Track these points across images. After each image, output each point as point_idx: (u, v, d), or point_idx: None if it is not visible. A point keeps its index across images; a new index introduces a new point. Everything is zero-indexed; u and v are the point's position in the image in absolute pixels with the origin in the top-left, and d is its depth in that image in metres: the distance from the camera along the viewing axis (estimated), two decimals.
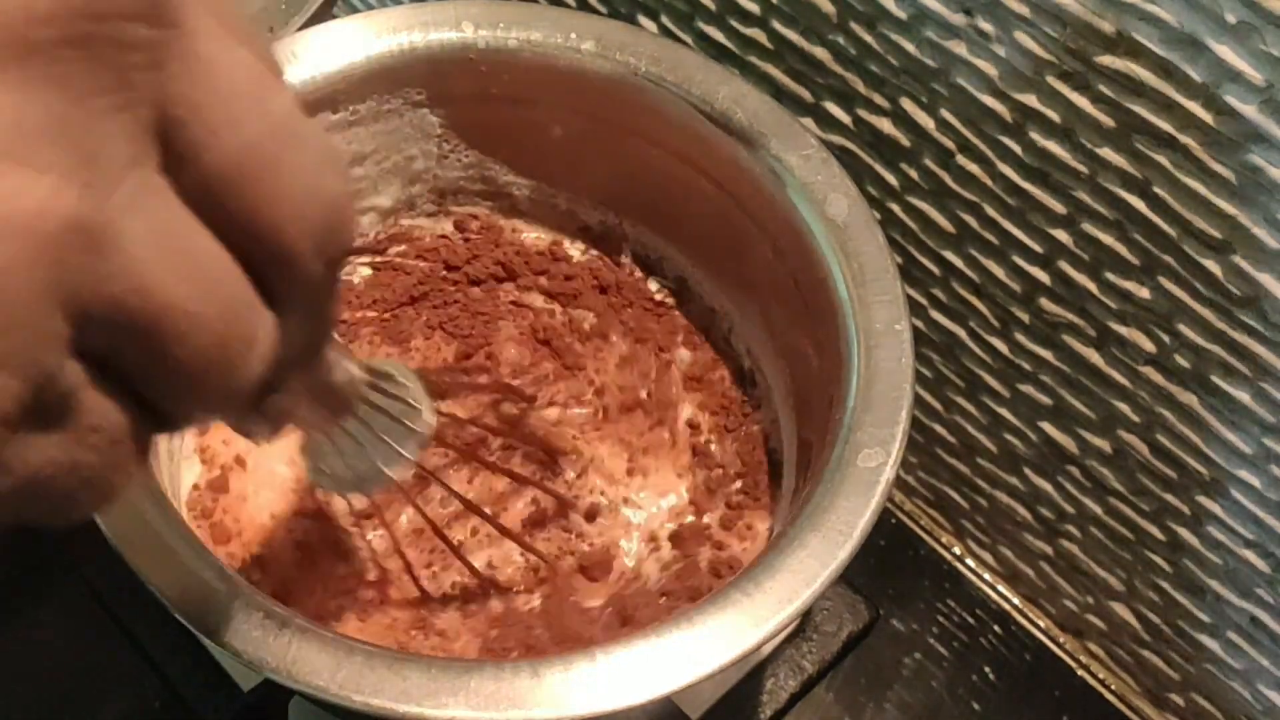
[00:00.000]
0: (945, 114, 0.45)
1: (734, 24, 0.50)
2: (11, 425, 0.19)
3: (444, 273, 0.50)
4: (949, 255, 0.49)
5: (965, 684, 0.53)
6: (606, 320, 0.49)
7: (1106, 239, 0.43)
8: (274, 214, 0.21)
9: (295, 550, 0.43)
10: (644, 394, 0.47)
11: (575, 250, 0.51)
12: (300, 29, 0.47)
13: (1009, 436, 0.52)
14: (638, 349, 0.48)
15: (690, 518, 0.45)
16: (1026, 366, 0.49)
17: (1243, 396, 0.43)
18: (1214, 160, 0.39)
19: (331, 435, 0.34)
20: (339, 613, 0.42)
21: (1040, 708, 0.53)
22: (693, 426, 0.47)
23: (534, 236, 0.51)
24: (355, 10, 0.51)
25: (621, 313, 0.49)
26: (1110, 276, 0.44)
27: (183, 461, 0.44)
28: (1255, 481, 0.45)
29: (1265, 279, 0.40)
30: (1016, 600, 0.56)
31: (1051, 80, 0.41)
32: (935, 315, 0.52)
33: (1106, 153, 0.42)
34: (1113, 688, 0.55)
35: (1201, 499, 0.47)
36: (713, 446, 0.46)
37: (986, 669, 0.54)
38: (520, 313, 0.49)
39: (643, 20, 0.54)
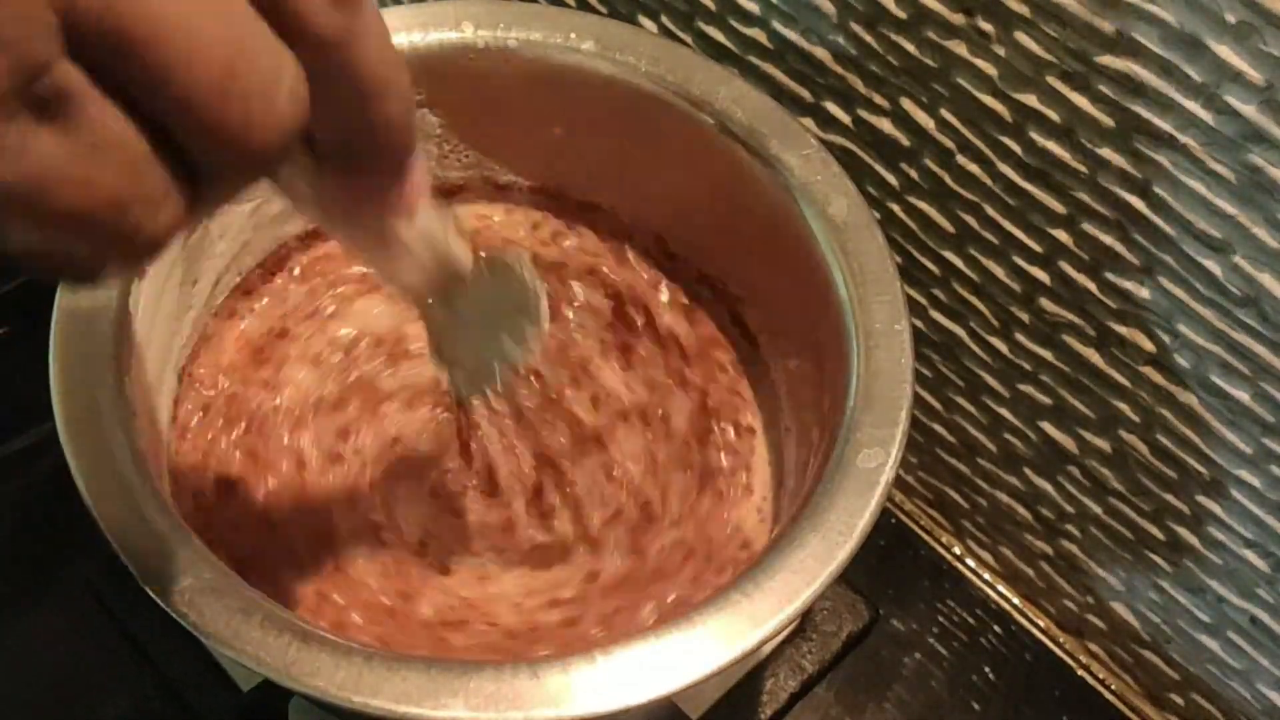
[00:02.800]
0: (945, 114, 0.45)
1: (734, 24, 0.50)
2: (4, 101, 0.19)
3: None
4: (949, 255, 0.49)
5: (965, 684, 0.53)
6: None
7: (1106, 239, 0.43)
8: None
9: None
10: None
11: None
12: None
13: (1009, 436, 0.52)
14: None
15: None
16: (1026, 366, 0.49)
17: (1243, 396, 0.43)
18: (1214, 160, 0.39)
19: (436, 304, 0.33)
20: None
21: (1040, 708, 0.53)
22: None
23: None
24: None
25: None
26: (1110, 276, 0.44)
27: None
28: (1255, 481, 0.45)
29: (1265, 279, 0.40)
30: (1016, 600, 0.56)
31: (1051, 80, 0.41)
32: (935, 315, 0.52)
33: (1106, 153, 0.42)
34: (1113, 688, 0.55)
35: (1201, 499, 0.47)
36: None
37: (986, 669, 0.54)
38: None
39: (643, 20, 0.54)
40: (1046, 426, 0.50)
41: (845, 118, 0.49)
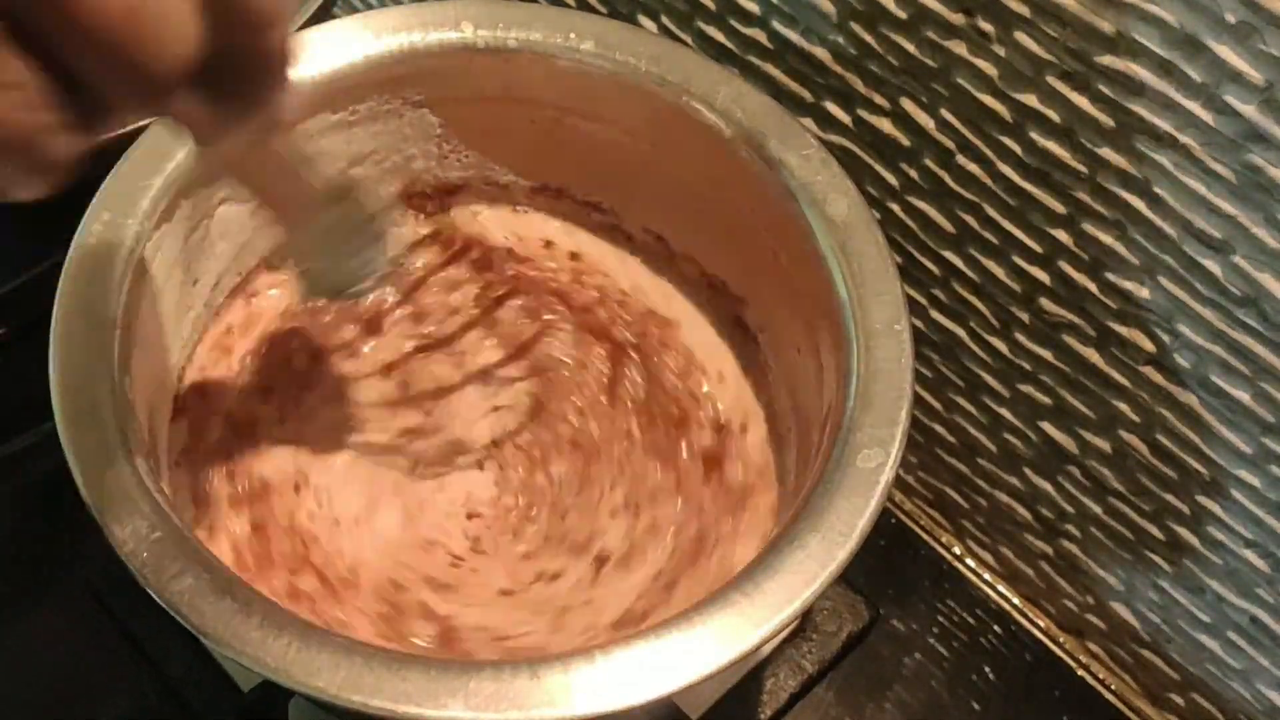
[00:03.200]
0: (945, 114, 0.45)
1: (734, 24, 0.50)
2: None
3: None
4: (949, 255, 0.49)
5: (965, 684, 0.53)
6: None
7: (1106, 239, 0.43)
8: None
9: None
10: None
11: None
12: (300, 29, 0.47)
13: (1009, 436, 0.52)
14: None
15: None
16: (1026, 366, 0.49)
17: (1243, 396, 0.43)
18: (1214, 160, 0.39)
19: (300, 217, 0.38)
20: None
21: (1040, 708, 0.53)
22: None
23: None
24: (355, 10, 0.51)
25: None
26: (1110, 276, 0.44)
27: None
28: (1255, 481, 0.45)
29: (1265, 279, 0.40)
30: (1016, 600, 0.56)
31: (1051, 80, 0.41)
32: (935, 315, 0.52)
33: (1106, 153, 0.42)
34: (1113, 688, 0.55)
35: (1201, 499, 0.47)
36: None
37: (986, 669, 0.54)
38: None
39: (643, 20, 0.54)
40: (1046, 426, 0.50)
41: (845, 118, 0.49)
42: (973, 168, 0.46)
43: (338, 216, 0.39)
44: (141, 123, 0.41)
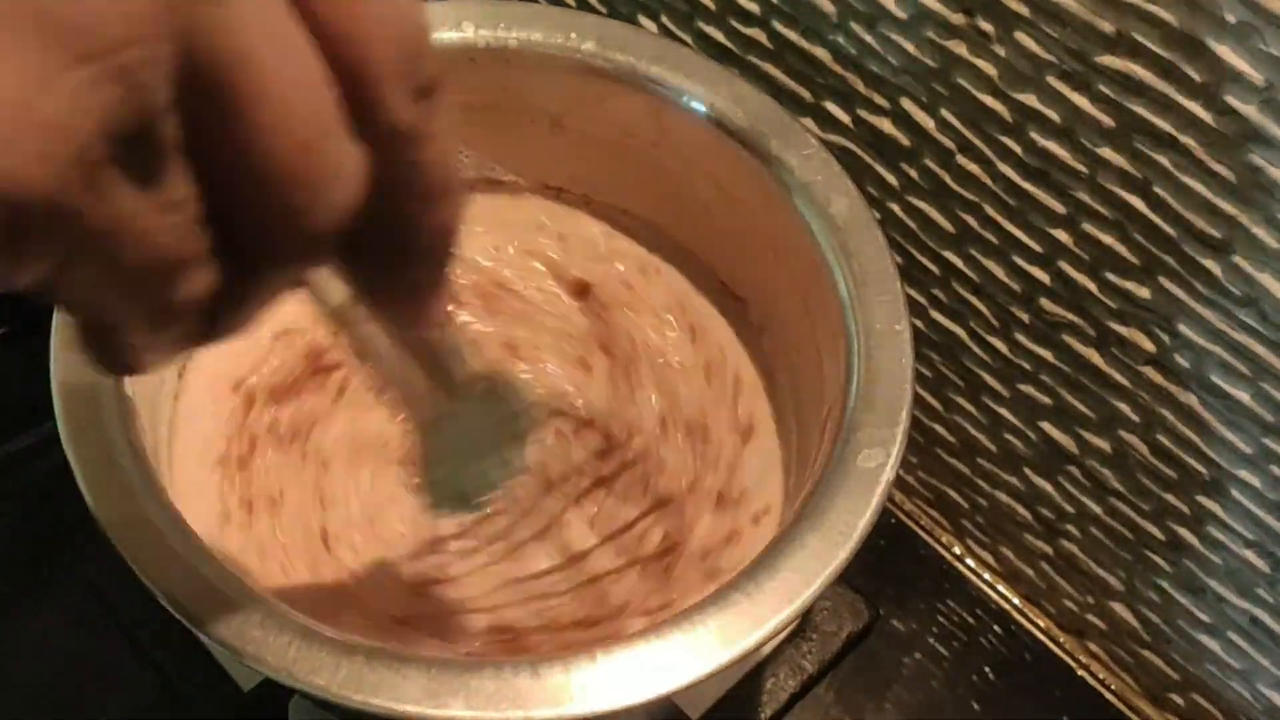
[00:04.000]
0: (945, 114, 0.45)
1: (734, 24, 0.50)
2: (111, 149, 0.18)
3: None
4: (949, 255, 0.49)
5: (965, 684, 0.53)
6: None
7: (1106, 239, 0.43)
8: (358, 25, 0.21)
9: None
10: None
11: None
12: None
13: (1009, 436, 0.52)
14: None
15: None
16: (1026, 366, 0.49)
17: (1243, 396, 0.43)
18: (1214, 160, 0.39)
19: (432, 407, 0.33)
20: None
21: (1040, 708, 0.53)
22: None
23: None
24: None
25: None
26: (1110, 276, 0.44)
27: None
28: (1255, 481, 0.45)
29: (1265, 279, 0.40)
30: (1016, 600, 0.56)
31: (1051, 80, 0.41)
32: (935, 315, 0.52)
33: (1106, 153, 0.42)
34: (1113, 688, 0.55)
35: (1201, 499, 0.47)
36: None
37: (986, 669, 0.54)
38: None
39: (643, 20, 0.54)
40: (1046, 426, 0.50)
41: (845, 118, 0.49)
42: (973, 168, 0.46)
43: (478, 414, 0.35)
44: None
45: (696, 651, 0.34)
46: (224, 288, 0.22)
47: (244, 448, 0.44)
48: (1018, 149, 0.44)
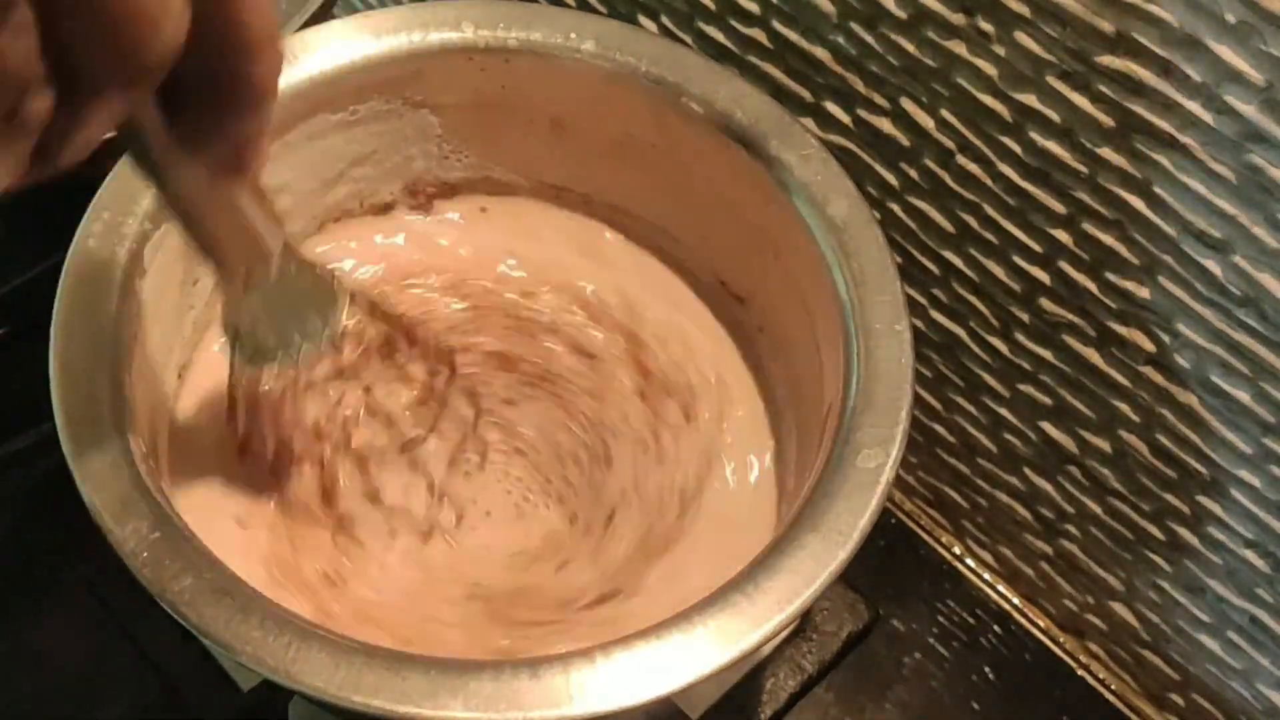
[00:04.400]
0: (945, 114, 0.45)
1: (734, 24, 0.50)
2: None
3: None
4: (949, 255, 0.49)
5: (965, 684, 0.53)
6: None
7: (1106, 239, 0.43)
8: None
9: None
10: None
11: None
12: (300, 29, 0.47)
13: (1009, 436, 0.52)
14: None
15: None
16: (1026, 366, 0.49)
17: (1243, 396, 0.43)
18: (1214, 160, 0.39)
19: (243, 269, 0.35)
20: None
21: (1040, 708, 0.53)
22: None
23: None
24: (355, 10, 0.51)
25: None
26: (1110, 276, 0.44)
27: None
28: (1255, 481, 0.45)
29: (1265, 279, 0.40)
30: (1016, 600, 0.56)
31: (1051, 80, 0.41)
32: (935, 315, 0.52)
33: (1106, 153, 0.42)
34: (1113, 688, 0.55)
35: (1201, 499, 0.47)
36: None
37: (986, 669, 0.54)
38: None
39: (643, 20, 0.54)
40: (1046, 426, 0.50)
41: (845, 118, 0.49)
42: (973, 168, 0.46)
43: (284, 281, 0.37)
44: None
45: (696, 652, 0.34)
46: (59, 114, 0.24)
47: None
48: (1018, 149, 0.44)
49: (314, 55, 0.44)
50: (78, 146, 0.26)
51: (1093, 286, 0.45)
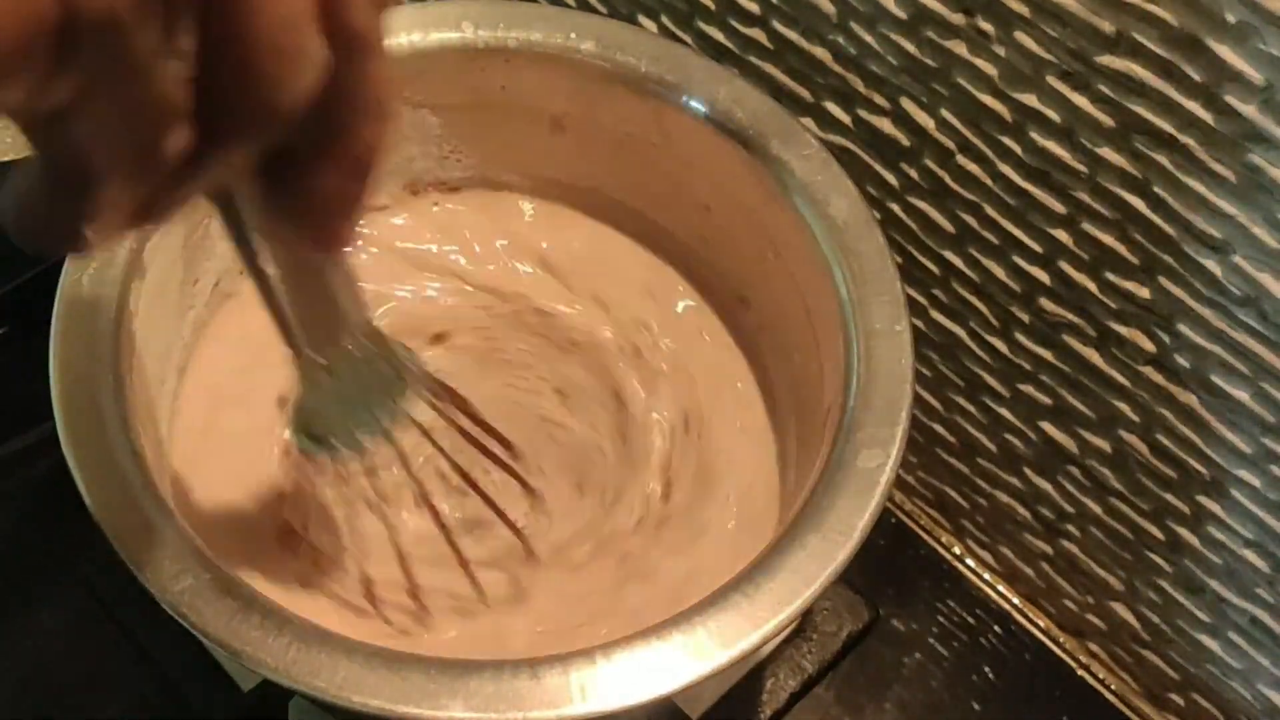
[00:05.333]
0: (945, 114, 0.45)
1: (734, 24, 0.50)
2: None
3: None
4: (949, 255, 0.49)
5: (965, 684, 0.53)
6: None
7: (1106, 239, 0.43)
8: None
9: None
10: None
11: None
12: None
13: (1009, 436, 0.52)
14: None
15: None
16: (1026, 366, 0.49)
17: (1243, 396, 0.43)
18: (1214, 160, 0.39)
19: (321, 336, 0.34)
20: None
21: (1040, 708, 0.53)
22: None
23: None
24: None
25: None
26: (1110, 276, 0.44)
27: None
28: (1255, 481, 0.45)
29: (1265, 279, 0.40)
30: (1016, 600, 0.56)
31: (1051, 80, 0.41)
32: (935, 315, 0.52)
33: (1106, 153, 0.42)
34: (1113, 688, 0.55)
35: (1201, 499, 0.47)
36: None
37: (986, 669, 0.54)
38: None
39: (643, 20, 0.54)
40: (1046, 426, 0.50)
41: (845, 118, 0.49)
42: (973, 168, 0.46)
43: (358, 365, 0.35)
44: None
45: (696, 652, 0.34)
46: (190, 155, 0.23)
47: None
48: (1018, 149, 0.44)
49: None
50: (182, 199, 0.25)
51: (1093, 286, 0.45)
